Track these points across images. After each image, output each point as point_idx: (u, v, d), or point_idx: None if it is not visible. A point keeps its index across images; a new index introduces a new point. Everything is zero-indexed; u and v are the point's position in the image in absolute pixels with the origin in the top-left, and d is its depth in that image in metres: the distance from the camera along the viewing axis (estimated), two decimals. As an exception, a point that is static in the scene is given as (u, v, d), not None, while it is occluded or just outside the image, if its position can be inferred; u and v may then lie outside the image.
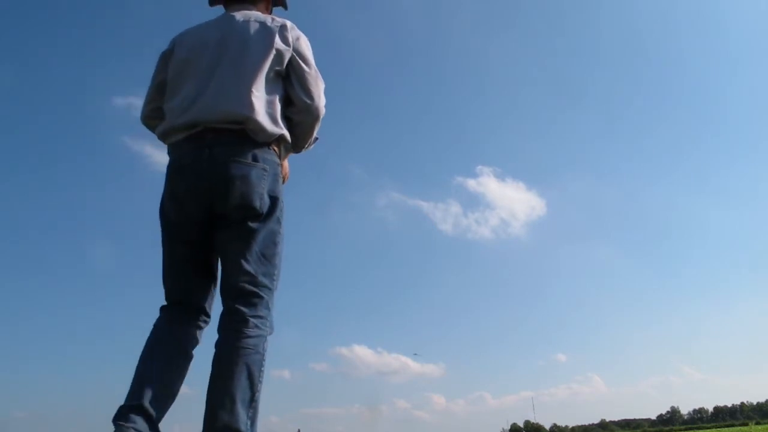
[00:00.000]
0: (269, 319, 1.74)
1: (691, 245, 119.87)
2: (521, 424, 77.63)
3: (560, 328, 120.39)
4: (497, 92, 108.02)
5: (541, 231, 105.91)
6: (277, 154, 1.84)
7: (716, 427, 53.27)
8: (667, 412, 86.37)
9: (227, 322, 1.68)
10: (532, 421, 77.41)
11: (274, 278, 1.79)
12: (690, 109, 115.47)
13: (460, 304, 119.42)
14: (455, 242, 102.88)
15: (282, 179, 1.88)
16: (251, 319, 1.67)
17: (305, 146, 1.98)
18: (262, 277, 1.73)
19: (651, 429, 76.74)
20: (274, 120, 1.80)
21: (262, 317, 1.70)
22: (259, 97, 1.77)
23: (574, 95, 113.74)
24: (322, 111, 1.91)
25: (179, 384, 1.73)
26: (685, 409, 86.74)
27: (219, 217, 1.74)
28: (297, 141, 1.93)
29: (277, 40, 1.84)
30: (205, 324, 1.83)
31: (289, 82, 1.88)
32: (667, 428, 73.45)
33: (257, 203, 1.72)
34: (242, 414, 1.56)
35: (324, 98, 1.93)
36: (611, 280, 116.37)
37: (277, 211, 1.79)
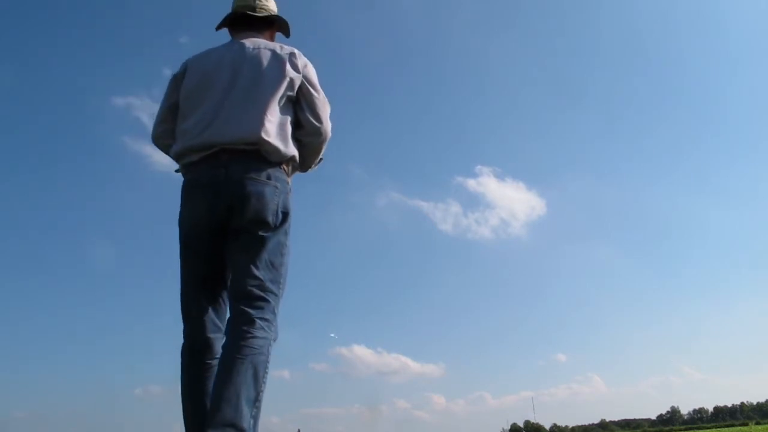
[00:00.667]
0: (274, 324, 1.82)
1: (691, 245, 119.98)
2: (521, 424, 77.65)
3: (560, 328, 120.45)
4: (497, 92, 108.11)
5: (541, 231, 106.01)
6: (287, 173, 1.96)
7: (716, 427, 53.27)
8: (667, 412, 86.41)
9: (235, 323, 1.77)
10: (532, 421, 77.46)
11: (281, 286, 1.89)
12: (690, 109, 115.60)
13: (460, 304, 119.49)
14: (455, 242, 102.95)
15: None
16: (258, 320, 1.75)
17: (312, 166, 2.14)
18: (269, 283, 1.83)
19: (651, 429, 76.72)
20: (286, 142, 1.93)
21: (268, 320, 1.79)
22: (272, 121, 1.89)
23: (574, 95, 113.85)
24: (330, 134, 2.07)
25: None
26: (685, 409, 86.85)
27: (233, 231, 1.86)
28: (304, 161, 2.08)
29: (289, 68, 1.97)
30: (219, 335, 1.91)
31: (299, 106, 2.02)
32: (667, 428, 73.42)
33: (271, 218, 1.85)
34: (246, 412, 1.62)
35: (330, 122, 2.08)
36: (611, 280, 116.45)
37: (286, 225, 1.92)
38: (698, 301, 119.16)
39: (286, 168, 1.96)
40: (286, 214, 1.91)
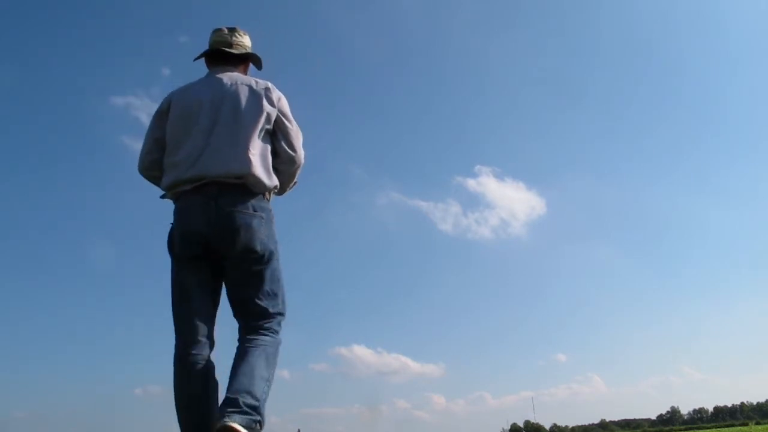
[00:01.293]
0: (280, 334, 2.10)
1: (691, 245, 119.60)
2: (521, 424, 77.60)
3: (560, 328, 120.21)
4: (497, 92, 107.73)
5: (542, 231, 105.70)
6: (268, 200, 2.16)
7: (716, 427, 53.25)
8: (667, 412, 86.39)
9: (246, 331, 2.04)
10: (532, 421, 77.41)
11: (282, 306, 2.14)
12: (690, 109, 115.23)
13: (460, 304, 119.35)
14: (455, 242, 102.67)
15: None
16: (266, 329, 2.05)
17: (287, 190, 2.33)
18: (272, 309, 2.09)
19: (651, 429, 76.67)
20: (269, 173, 2.12)
21: (276, 331, 2.08)
22: (255, 155, 2.08)
23: (574, 95, 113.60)
24: (303, 161, 2.27)
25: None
26: (685, 409, 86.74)
27: (228, 260, 2.06)
28: (281, 186, 2.25)
29: (265, 103, 2.15)
30: (210, 347, 2.06)
31: (275, 137, 2.21)
32: (667, 428, 73.39)
33: (258, 247, 2.04)
34: (261, 385, 1.88)
35: (303, 150, 2.28)
36: (611, 280, 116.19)
37: (275, 251, 2.12)
38: (698, 301, 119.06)
39: (267, 196, 2.15)
40: (272, 242, 2.11)
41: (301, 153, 2.25)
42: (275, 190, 2.19)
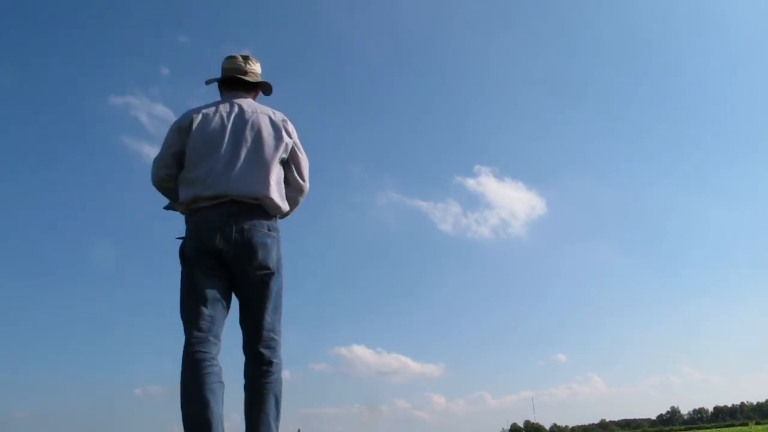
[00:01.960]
0: (281, 355, 2.30)
1: (691, 245, 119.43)
2: (521, 424, 77.69)
3: (560, 328, 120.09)
4: (497, 92, 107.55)
5: (542, 231, 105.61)
6: (277, 221, 2.35)
7: (716, 427, 53.28)
8: (667, 412, 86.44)
9: (256, 363, 2.23)
10: (532, 421, 77.47)
11: (282, 319, 2.34)
12: (690, 109, 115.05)
13: (460, 304, 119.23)
14: (455, 242, 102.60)
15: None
16: (273, 361, 2.24)
17: (290, 214, 2.50)
18: (276, 324, 2.30)
19: (651, 429, 76.73)
20: (283, 198, 2.34)
21: (278, 357, 2.27)
22: (273, 180, 2.28)
23: (574, 95, 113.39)
24: (308, 190, 2.51)
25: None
26: (685, 409, 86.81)
27: (242, 274, 2.22)
28: (288, 211, 2.45)
29: (284, 135, 2.37)
30: (218, 349, 2.19)
31: (287, 166, 2.43)
32: (667, 428, 73.45)
33: (271, 264, 2.25)
34: (274, 426, 2.18)
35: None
36: (611, 280, 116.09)
37: (282, 268, 2.33)
38: (698, 301, 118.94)
39: (278, 218, 2.35)
40: (281, 260, 2.32)
41: (308, 182, 2.49)
42: (285, 214, 2.39)
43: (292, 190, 2.43)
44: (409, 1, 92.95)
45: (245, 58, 2.51)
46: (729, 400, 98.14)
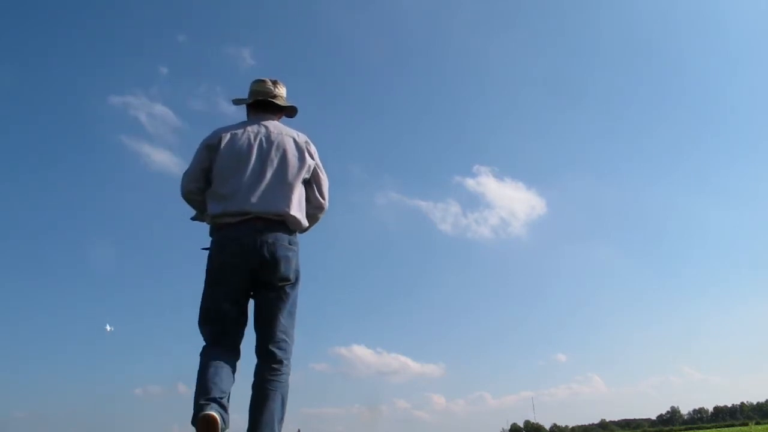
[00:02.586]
0: (291, 357, 2.43)
1: (691, 245, 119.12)
2: (521, 424, 77.66)
3: (560, 328, 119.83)
4: (497, 92, 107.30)
5: (542, 231, 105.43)
6: (297, 235, 2.51)
7: (716, 427, 53.28)
8: (667, 412, 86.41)
9: (266, 360, 2.36)
10: (532, 421, 77.46)
11: (295, 324, 2.48)
12: (690, 109, 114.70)
13: (460, 304, 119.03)
14: (455, 242, 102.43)
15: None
16: (284, 360, 2.38)
17: (309, 229, 2.65)
18: (289, 329, 2.45)
19: (651, 429, 76.74)
20: (303, 215, 2.52)
21: (288, 358, 2.40)
22: (296, 199, 2.47)
23: (574, 95, 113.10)
24: (327, 207, 2.67)
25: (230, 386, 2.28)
26: (685, 409, 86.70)
27: (264, 283, 2.40)
28: (308, 226, 2.62)
29: (307, 157, 2.55)
30: (238, 358, 2.39)
31: (309, 185, 2.60)
32: (667, 428, 73.48)
33: (292, 276, 2.45)
34: (278, 428, 2.26)
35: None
36: (611, 280, 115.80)
37: (300, 278, 2.50)
38: (698, 301, 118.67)
39: (297, 233, 2.52)
40: (299, 271, 2.48)
41: (328, 201, 2.66)
42: (306, 229, 2.58)
43: (312, 207, 2.60)
44: (409, 1, 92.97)
45: (274, 83, 2.68)
46: (729, 400, 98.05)
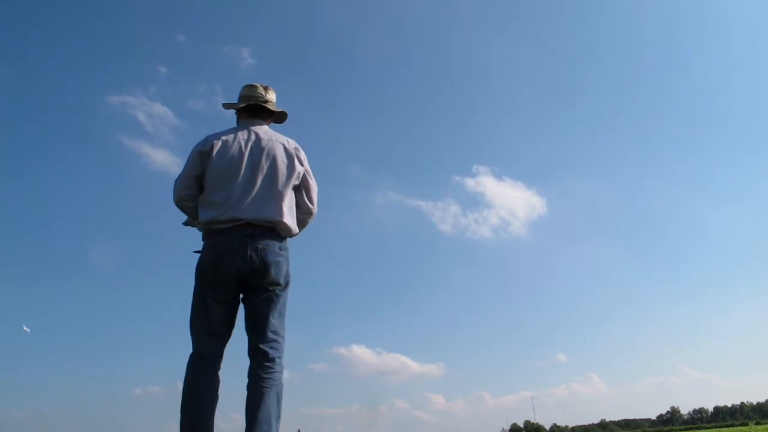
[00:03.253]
0: (283, 357, 2.45)
1: (691, 245, 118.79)
2: (521, 424, 77.64)
3: (560, 328, 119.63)
4: (496, 91, 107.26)
5: (542, 230, 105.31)
6: (287, 241, 2.56)
7: (716, 427, 53.31)
8: (667, 412, 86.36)
9: (259, 359, 2.38)
10: (532, 421, 77.43)
11: (285, 325, 2.53)
12: (691, 109, 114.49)
13: (459, 304, 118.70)
14: (454, 242, 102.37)
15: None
16: (276, 358, 2.40)
17: (298, 234, 2.68)
18: (280, 329, 2.48)
19: (651, 429, 76.72)
20: (294, 221, 2.56)
21: (281, 357, 2.43)
22: (286, 206, 2.51)
23: (574, 95, 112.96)
24: (316, 212, 2.71)
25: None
26: (685, 409, 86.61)
27: (255, 288, 2.44)
28: (297, 232, 2.66)
29: (297, 163, 2.58)
30: (219, 365, 2.41)
31: (299, 191, 2.64)
32: (667, 428, 73.43)
33: (283, 281, 2.50)
34: (275, 427, 2.28)
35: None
36: (611, 280, 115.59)
37: (290, 282, 2.55)
38: (698, 301, 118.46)
39: (287, 238, 2.56)
40: (289, 275, 2.54)
41: (317, 206, 2.70)
42: (295, 234, 2.61)
43: (302, 212, 2.64)
44: (409, 1, 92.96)
45: (265, 88, 2.70)
46: (729, 400, 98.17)
